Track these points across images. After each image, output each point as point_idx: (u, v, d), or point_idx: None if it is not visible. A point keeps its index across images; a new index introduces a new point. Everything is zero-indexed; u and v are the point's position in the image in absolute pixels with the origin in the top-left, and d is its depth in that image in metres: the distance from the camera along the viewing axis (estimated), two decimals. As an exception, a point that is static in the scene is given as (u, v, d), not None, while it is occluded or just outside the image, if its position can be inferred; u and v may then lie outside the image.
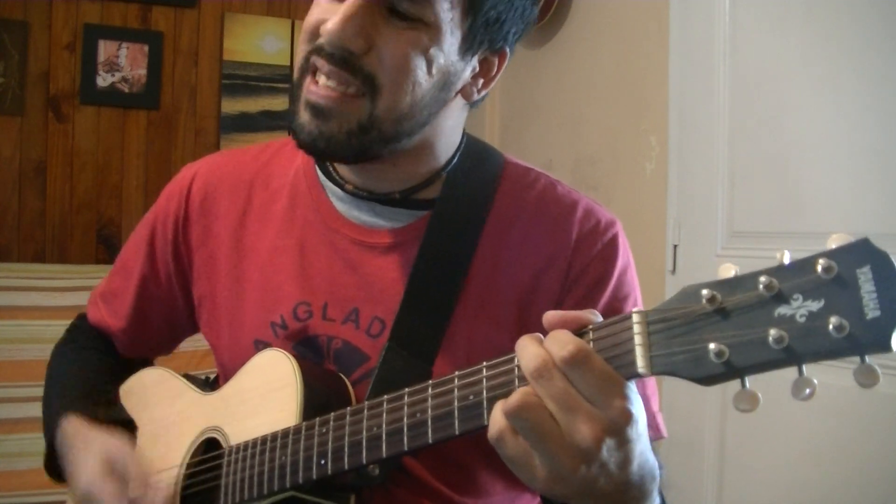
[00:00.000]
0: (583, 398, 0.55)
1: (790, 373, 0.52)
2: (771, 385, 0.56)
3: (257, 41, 3.08)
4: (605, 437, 0.55)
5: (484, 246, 0.86)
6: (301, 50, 0.81)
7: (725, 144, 1.86)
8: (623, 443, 0.56)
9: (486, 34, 0.81)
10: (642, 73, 2.17)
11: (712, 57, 1.89)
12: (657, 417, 0.88)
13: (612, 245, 0.87)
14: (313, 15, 0.80)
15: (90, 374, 1.03)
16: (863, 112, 1.56)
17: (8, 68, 2.79)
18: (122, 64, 2.94)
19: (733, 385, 0.54)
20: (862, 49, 1.57)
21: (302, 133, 0.79)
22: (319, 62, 0.77)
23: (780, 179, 1.72)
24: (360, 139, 0.79)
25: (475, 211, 0.87)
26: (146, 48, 2.96)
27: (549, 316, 0.59)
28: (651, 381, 0.88)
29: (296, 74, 0.81)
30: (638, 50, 2.19)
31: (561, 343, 0.56)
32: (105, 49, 2.92)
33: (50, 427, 0.97)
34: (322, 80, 0.78)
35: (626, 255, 0.88)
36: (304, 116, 0.79)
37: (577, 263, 0.85)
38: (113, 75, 2.93)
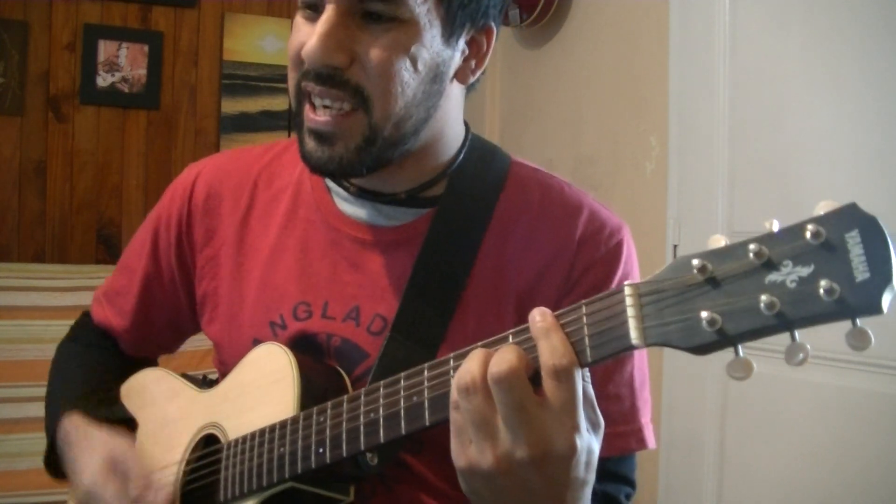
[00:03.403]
0: (499, 420, 0.59)
1: (789, 372, 0.52)
2: (771, 385, 0.56)
3: (257, 41, 3.08)
4: (505, 465, 0.59)
5: (488, 243, 0.86)
6: (291, 78, 0.81)
7: (725, 144, 1.86)
8: (527, 472, 0.59)
9: (465, 15, 0.80)
10: (642, 73, 2.17)
11: (712, 57, 1.89)
12: (645, 430, 0.86)
13: (616, 251, 0.86)
14: (294, 40, 0.80)
15: (93, 373, 1.03)
16: (863, 112, 1.57)
17: (8, 68, 2.79)
18: (122, 64, 2.94)
19: (733, 384, 0.54)
20: (862, 48, 1.57)
21: (311, 160, 0.80)
22: (309, 86, 0.78)
23: (780, 179, 1.72)
24: (369, 151, 0.79)
25: (480, 208, 0.87)
26: (146, 48, 2.96)
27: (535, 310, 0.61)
28: (644, 392, 0.87)
29: (293, 104, 0.82)
30: (638, 50, 2.19)
31: (498, 360, 0.59)
32: (105, 49, 2.92)
33: (51, 424, 0.97)
34: (317, 102, 0.78)
35: (629, 264, 0.87)
36: (310, 144, 0.80)
37: (580, 265, 0.85)
38: (113, 75, 2.93)
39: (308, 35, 0.77)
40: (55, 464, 0.97)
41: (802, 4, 1.68)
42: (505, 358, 0.59)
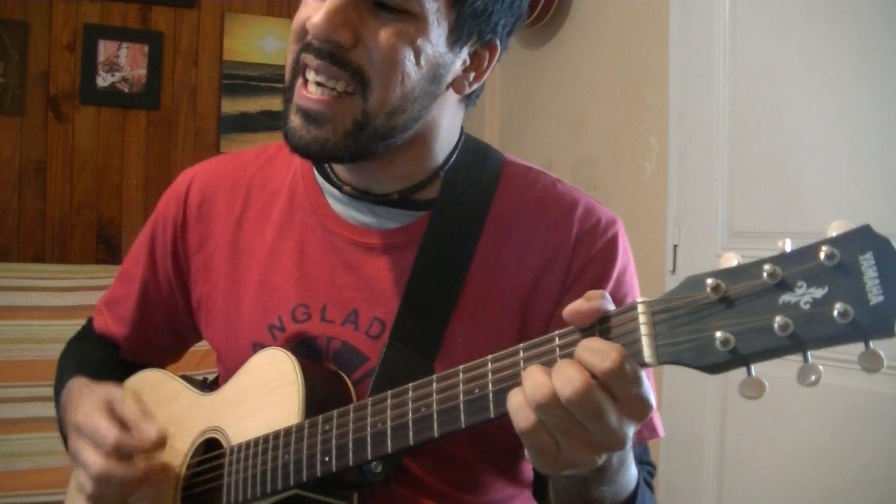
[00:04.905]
0: (581, 427, 0.58)
1: (790, 372, 0.53)
2: (771, 385, 0.56)
3: (257, 41, 3.08)
4: (600, 454, 0.60)
5: (484, 245, 0.86)
6: (291, 51, 0.81)
7: (725, 144, 1.86)
8: (615, 454, 0.62)
9: (474, 25, 0.80)
10: (642, 73, 2.16)
11: (712, 57, 1.89)
12: (654, 417, 0.87)
13: (612, 244, 0.87)
14: (301, 14, 0.80)
15: (99, 363, 1.04)
16: (863, 112, 1.57)
17: (8, 68, 2.79)
18: (122, 64, 2.93)
19: (733, 384, 0.54)
20: (862, 49, 1.57)
21: (294, 138, 0.79)
22: (308, 58, 0.78)
23: (780, 179, 1.72)
24: (357, 138, 0.79)
25: (475, 210, 0.87)
26: (146, 48, 2.95)
27: (566, 313, 0.61)
28: (649, 382, 0.88)
29: (287, 76, 0.81)
30: (638, 50, 2.19)
31: (565, 379, 0.57)
32: (105, 49, 2.91)
33: (60, 407, 0.97)
34: (311, 76, 0.78)
35: (625, 256, 0.88)
36: (296, 121, 0.79)
37: (578, 262, 0.85)
38: (113, 75, 2.93)
39: (316, 10, 0.77)
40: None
41: (802, 5, 1.68)
42: (572, 377, 0.57)
